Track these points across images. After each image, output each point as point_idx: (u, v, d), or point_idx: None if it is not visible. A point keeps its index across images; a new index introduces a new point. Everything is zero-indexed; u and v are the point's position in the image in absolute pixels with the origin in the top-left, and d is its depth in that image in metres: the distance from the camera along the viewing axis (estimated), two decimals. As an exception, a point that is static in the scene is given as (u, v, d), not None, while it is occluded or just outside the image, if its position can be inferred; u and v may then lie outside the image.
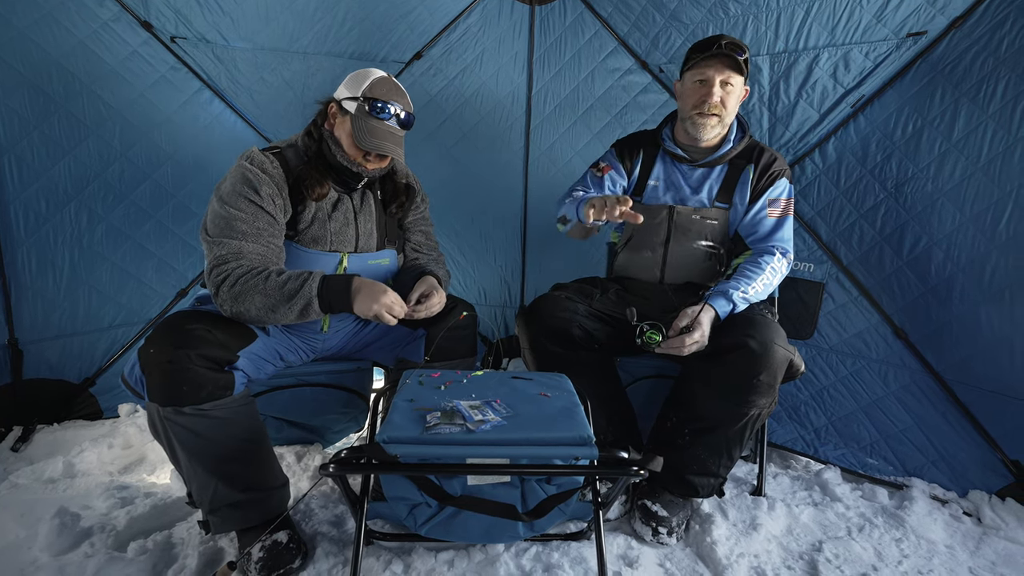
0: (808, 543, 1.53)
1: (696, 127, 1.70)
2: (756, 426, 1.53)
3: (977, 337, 1.73)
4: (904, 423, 1.88)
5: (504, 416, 1.17)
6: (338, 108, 1.50)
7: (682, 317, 1.53)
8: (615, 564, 1.41)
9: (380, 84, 1.48)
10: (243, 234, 1.38)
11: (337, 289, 1.37)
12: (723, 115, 1.68)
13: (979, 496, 1.72)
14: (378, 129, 1.46)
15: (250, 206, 1.40)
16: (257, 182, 1.41)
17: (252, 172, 1.42)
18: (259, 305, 1.34)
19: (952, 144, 1.73)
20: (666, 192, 1.83)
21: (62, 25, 1.87)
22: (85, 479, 1.75)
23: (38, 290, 2.00)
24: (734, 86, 1.66)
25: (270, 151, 1.50)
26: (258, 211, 1.41)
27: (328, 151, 1.51)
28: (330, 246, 1.55)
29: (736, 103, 1.70)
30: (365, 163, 1.51)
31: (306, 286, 1.34)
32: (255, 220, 1.40)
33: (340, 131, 1.50)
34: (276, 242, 1.45)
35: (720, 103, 1.66)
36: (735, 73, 1.65)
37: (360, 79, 1.48)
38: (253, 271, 1.35)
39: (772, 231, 1.71)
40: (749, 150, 1.77)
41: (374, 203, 1.64)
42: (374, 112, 1.45)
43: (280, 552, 1.33)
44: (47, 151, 1.94)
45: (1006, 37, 1.61)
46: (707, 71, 1.66)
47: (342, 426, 1.90)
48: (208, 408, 1.28)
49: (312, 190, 1.49)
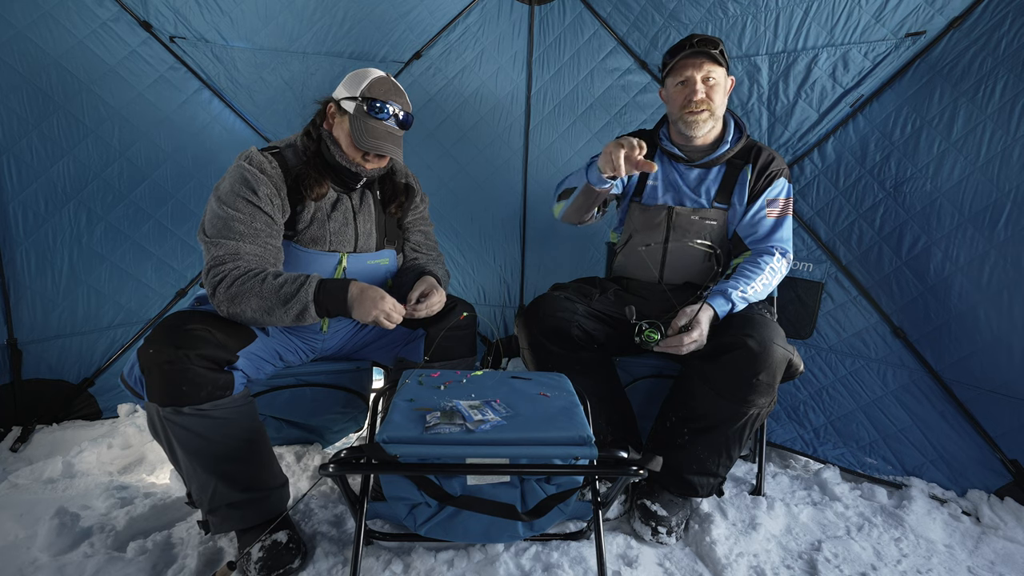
0: (807, 542, 1.54)
1: (688, 126, 1.71)
2: (755, 425, 1.53)
3: (976, 336, 1.73)
4: (903, 422, 1.89)
5: (504, 416, 1.17)
6: (337, 108, 1.49)
7: (681, 316, 1.53)
8: (614, 563, 1.41)
9: (379, 84, 1.47)
10: (240, 235, 1.38)
11: (334, 294, 1.36)
12: (712, 108, 1.68)
13: (978, 495, 1.73)
14: (376, 129, 1.45)
15: (248, 206, 1.40)
16: (255, 182, 1.41)
17: (250, 172, 1.42)
18: (255, 307, 1.34)
19: (951, 144, 1.73)
20: (665, 192, 1.83)
21: (61, 25, 1.87)
22: (84, 479, 1.75)
23: (37, 290, 2.00)
24: (716, 79, 1.67)
25: (269, 151, 1.50)
26: (256, 211, 1.41)
27: (327, 151, 1.51)
28: (329, 246, 1.55)
29: (723, 94, 1.70)
30: (364, 163, 1.50)
31: (303, 291, 1.34)
32: (252, 221, 1.40)
33: (339, 131, 1.49)
34: (274, 243, 1.44)
35: (706, 97, 1.67)
36: (714, 66, 1.66)
37: (359, 79, 1.48)
38: (250, 273, 1.35)
39: (771, 231, 1.71)
40: (747, 150, 1.77)
41: (373, 203, 1.64)
42: (372, 112, 1.45)
43: (280, 552, 1.33)
44: (46, 151, 1.94)
45: (1004, 37, 1.61)
46: (685, 71, 1.68)
47: (341, 426, 1.90)
48: (208, 408, 1.28)
49: (311, 190, 1.49)
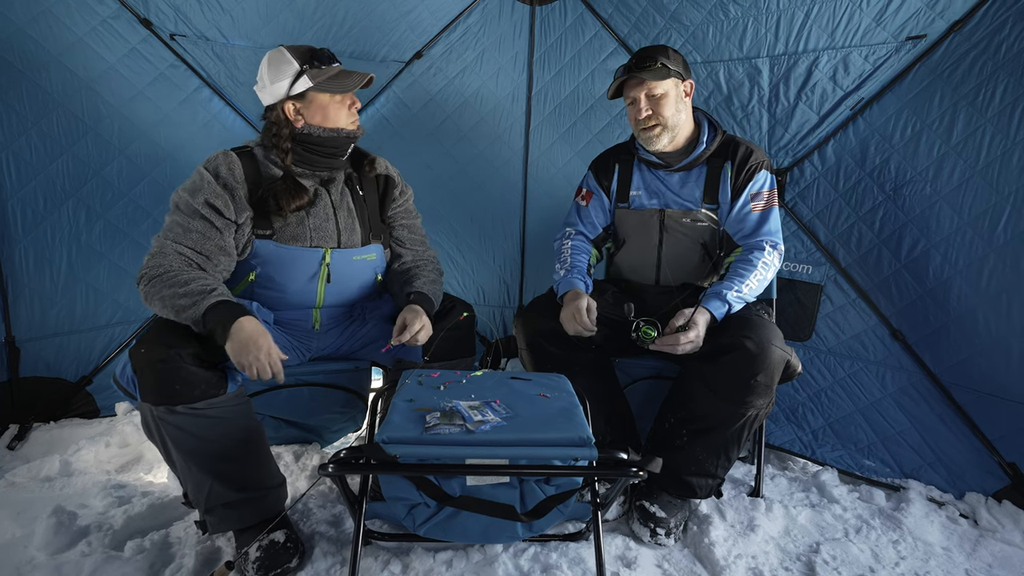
0: (805, 544, 1.54)
1: (646, 142, 1.73)
2: (754, 427, 1.54)
3: (975, 340, 1.73)
4: (901, 425, 1.89)
5: (503, 417, 1.17)
6: (293, 100, 1.50)
7: (678, 317, 1.54)
8: (613, 565, 1.41)
9: (294, 49, 1.50)
10: (175, 236, 1.41)
11: (220, 321, 1.28)
12: (663, 122, 1.68)
13: (976, 498, 1.73)
14: (338, 74, 1.50)
15: (188, 209, 1.43)
16: (200, 184, 1.44)
17: (200, 175, 1.45)
18: (159, 308, 1.36)
19: (951, 147, 1.73)
20: (650, 200, 1.83)
21: (61, 22, 1.86)
22: (82, 478, 1.75)
23: (35, 288, 1.99)
24: (663, 92, 1.66)
25: (239, 150, 1.53)
26: (194, 214, 1.43)
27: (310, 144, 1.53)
28: (310, 242, 1.55)
29: (674, 104, 1.68)
30: (349, 121, 1.55)
31: (195, 307, 1.30)
32: (189, 222, 1.42)
33: (313, 111, 1.51)
34: (211, 244, 1.43)
35: (653, 114, 1.67)
36: (655, 81, 1.65)
37: (279, 60, 1.48)
38: (165, 276, 1.36)
39: (758, 225, 1.70)
40: (724, 147, 1.76)
41: (353, 198, 1.64)
42: (325, 63, 1.49)
43: (278, 552, 1.32)
44: (45, 148, 1.93)
45: (1005, 41, 1.62)
46: (629, 92, 1.71)
47: (340, 426, 1.90)
48: (202, 407, 1.28)
49: (290, 202, 1.49)
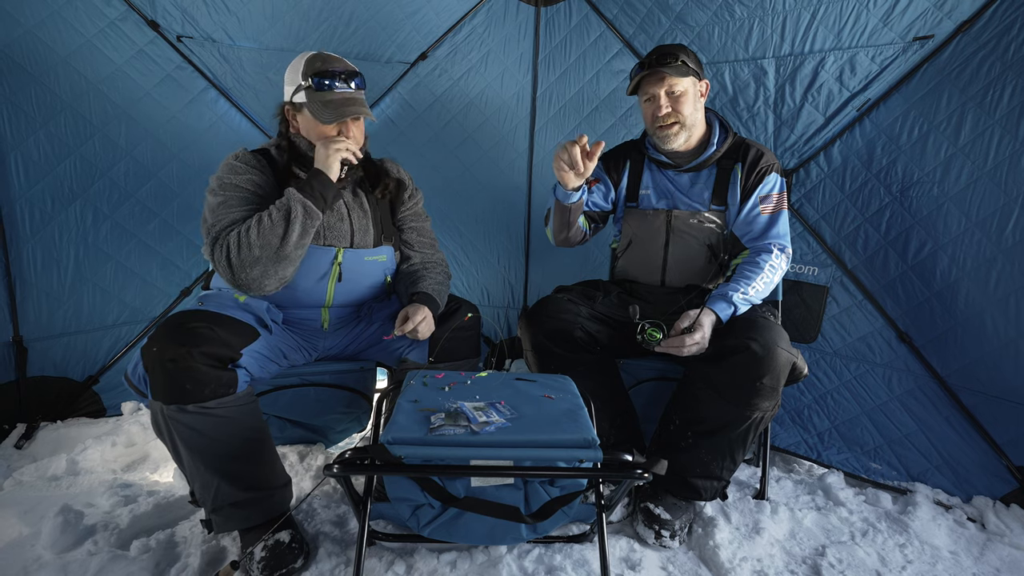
0: (811, 547, 1.53)
1: (662, 140, 1.72)
2: (759, 429, 1.53)
3: (982, 342, 1.72)
4: (908, 428, 1.88)
5: (508, 418, 1.16)
6: (292, 107, 1.52)
7: (683, 319, 1.54)
8: (617, 567, 1.41)
9: (313, 60, 1.49)
10: (234, 209, 1.45)
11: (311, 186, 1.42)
12: (682, 120, 1.68)
13: (983, 502, 1.72)
14: (333, 100, 1.48)
15: (236, 189, 1.48)
16: (241, 169, 1.48)
17: (236, 164, 1.49)
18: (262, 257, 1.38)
19: (958, 148, 1.72)
20: (659, 200, 1.83)
21: (69, 24, 1.88)
22: (88, 477, 1.76)
23: (43, 288, 2.01)
24: (683, 90, 1.66)
25: (257, 152, 1.56)
26: (244, 190, 1.48)
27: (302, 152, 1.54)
28: (324, 240, 1.56)
29: (693, 103, 1.69)
30: None
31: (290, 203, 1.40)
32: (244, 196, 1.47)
33: (305, 126, 1.53)
34: (256, 200, 1.49)
35: (673, 111, 1.67)
36: (676, 78, 1.65)
37: (295, 67, 1.50)
38: (244, 229, 1.40)
39: (767, 228, 1.70)
40: (734, 149, 1.76)
41: (367, 200, 1.66)
42: (323, 87, 1.47)
43: (282, 552, 1.33)
44: (53, 149, 1.95)
45: (1013, 42, 1.60)
46: (648, 88, 1.70)
47: (345, 426, 1.90)
48: (211, 406, 1.28)
49: None
